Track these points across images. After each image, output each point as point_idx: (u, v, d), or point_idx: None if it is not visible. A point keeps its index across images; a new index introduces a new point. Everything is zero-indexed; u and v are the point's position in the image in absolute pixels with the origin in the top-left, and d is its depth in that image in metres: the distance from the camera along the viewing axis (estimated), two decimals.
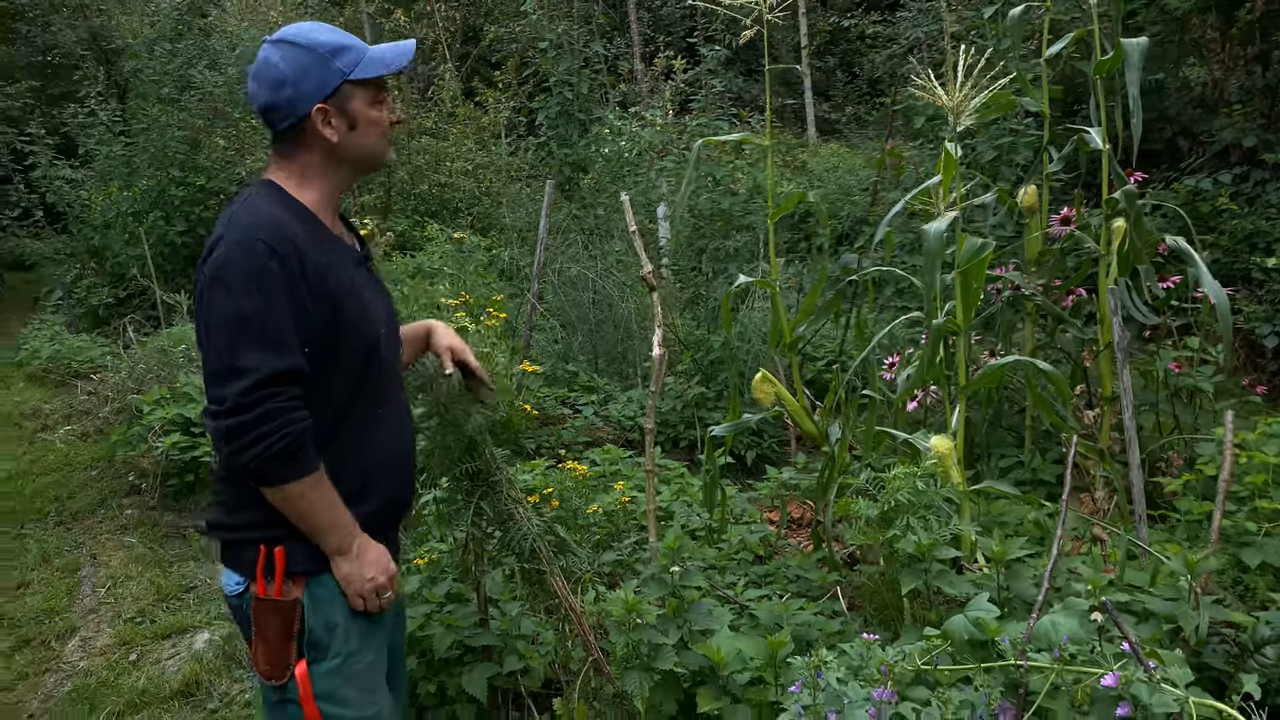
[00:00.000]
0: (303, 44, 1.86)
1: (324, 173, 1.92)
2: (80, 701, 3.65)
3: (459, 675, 2.92)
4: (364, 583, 1.87)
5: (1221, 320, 3.16)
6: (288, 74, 1.85)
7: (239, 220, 1.79)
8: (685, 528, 3.79)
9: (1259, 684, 2.34)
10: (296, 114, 1.86)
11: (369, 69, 1.90)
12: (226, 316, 1.72)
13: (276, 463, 1.73)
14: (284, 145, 1.91)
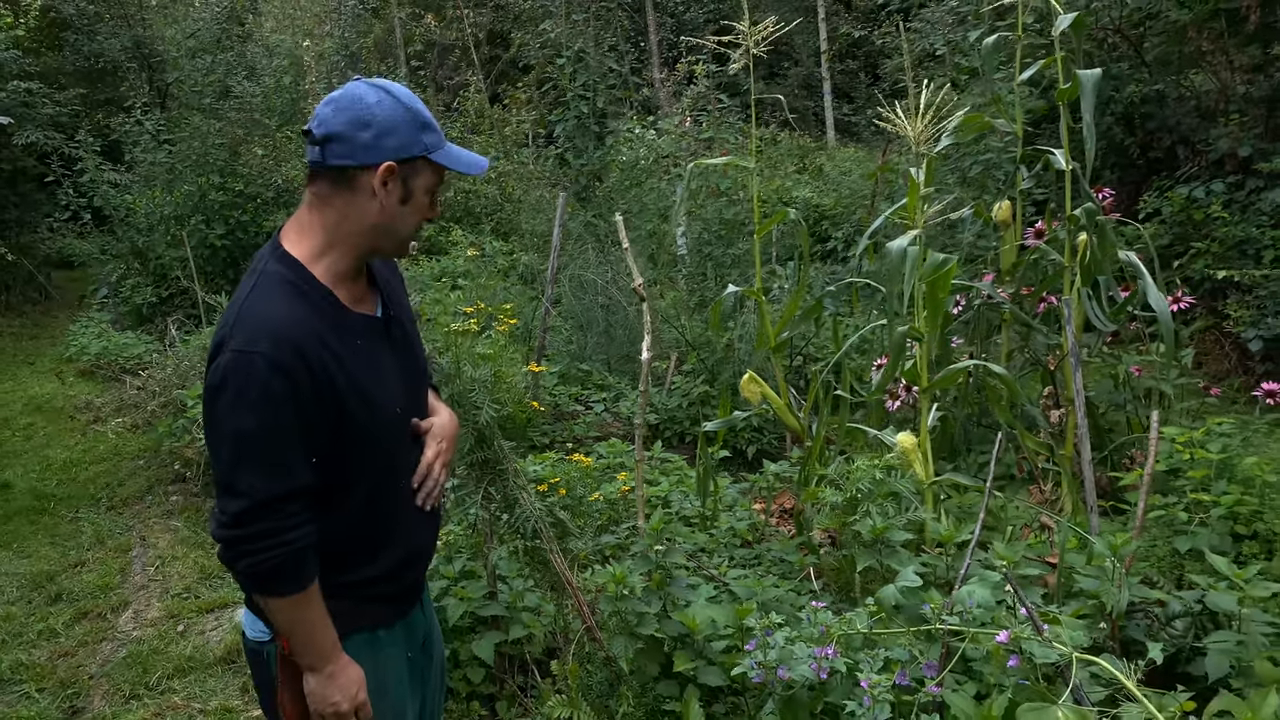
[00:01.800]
0: (403, 100, 1.74)
1: (353, 235, 1.78)
2: (134, 665, 4.06)
3: (470, 642, 3.30)
4: (326, 704, 1.81)
5: (1164, 328, 3.45)
6: (378, 118, 1.71)
7: (244, 322, 1.69)
8: (679, 514, 4.13)
9: (1167, 652, 2.67)
10: (362, 159, 1.72)
11: (447, 158, 1.80)
12: (225, 434, 1.67)
13: (262, 579, 1.72)
14: (324, 185, 1.77)
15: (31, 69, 12.49)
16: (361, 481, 1.81)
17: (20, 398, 8.54)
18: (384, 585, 1.89)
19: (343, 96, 1.75)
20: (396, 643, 1.94)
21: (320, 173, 1.76)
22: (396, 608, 1.94)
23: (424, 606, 2.07)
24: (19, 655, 4.21)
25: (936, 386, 3.46)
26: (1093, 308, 3.90)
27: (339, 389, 1.72)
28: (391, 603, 1.93)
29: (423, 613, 2.05)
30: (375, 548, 1.86)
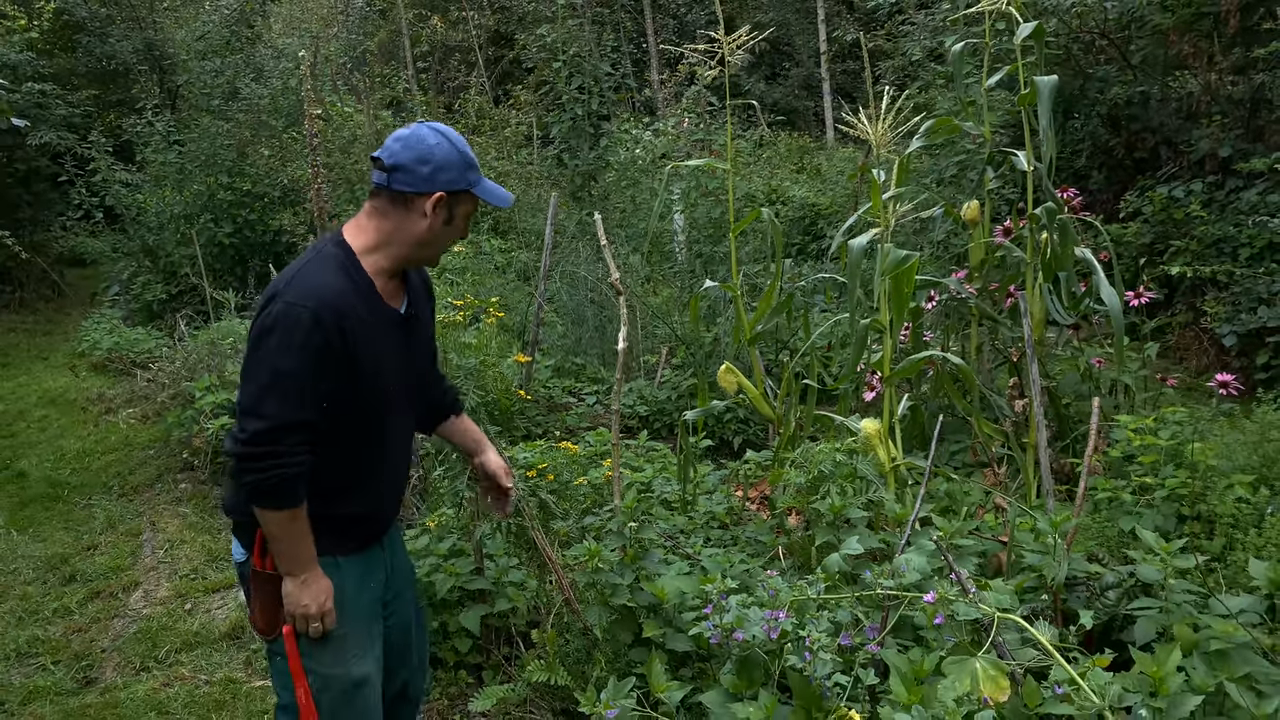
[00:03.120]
0: (456, 144, 2.19)
1: (400, 244, 2.20)
2: (144, 640, 4.29)
3: (458, 614, 3.51)
4: (297, 606, 2.16)
5: (1115, 321, 3.64)
6: (436, 157, 2.15)
7: (299, 283, 2.09)
8: (660, 499, 4.34)
9: (1099, 620, 2.87)
10: (421, 188, 2.15)
11: (485, 193, 2.25)
12: (264, 367, 2.05)
13: (263, 493, 2.07)
14: (384, 202, 2.19)
15: (45, 70, 12.77)
16: (352, 433, 2.20)
17: (35, 391, 8.81)
18: (351, 524, 2.28)
19: (410, 136, 2.20)
20: (355, 571, 2.29)
21: (383, 192, 2.21)
22: (359, 542, 2.31)
23: (387, 548, 2.43)
24: (35, 631, 4.44)
25: (898, 376, 3.66)
26: (1053, 302, 4.09)
27: (358, 354, 2.13)
28: (355, 539, 2.30)
29: (384, 551, 2.41)
30: (351, 491, 2.26)
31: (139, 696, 3.84)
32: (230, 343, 6.76)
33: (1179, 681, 2.29)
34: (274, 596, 2.21)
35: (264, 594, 2.22)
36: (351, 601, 2.26)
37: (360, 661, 2.27)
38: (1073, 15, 7.86)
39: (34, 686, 3.95)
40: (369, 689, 2.30)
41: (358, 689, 2.27)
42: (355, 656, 2.26)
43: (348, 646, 2.25)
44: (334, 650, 2.24)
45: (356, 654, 2.27)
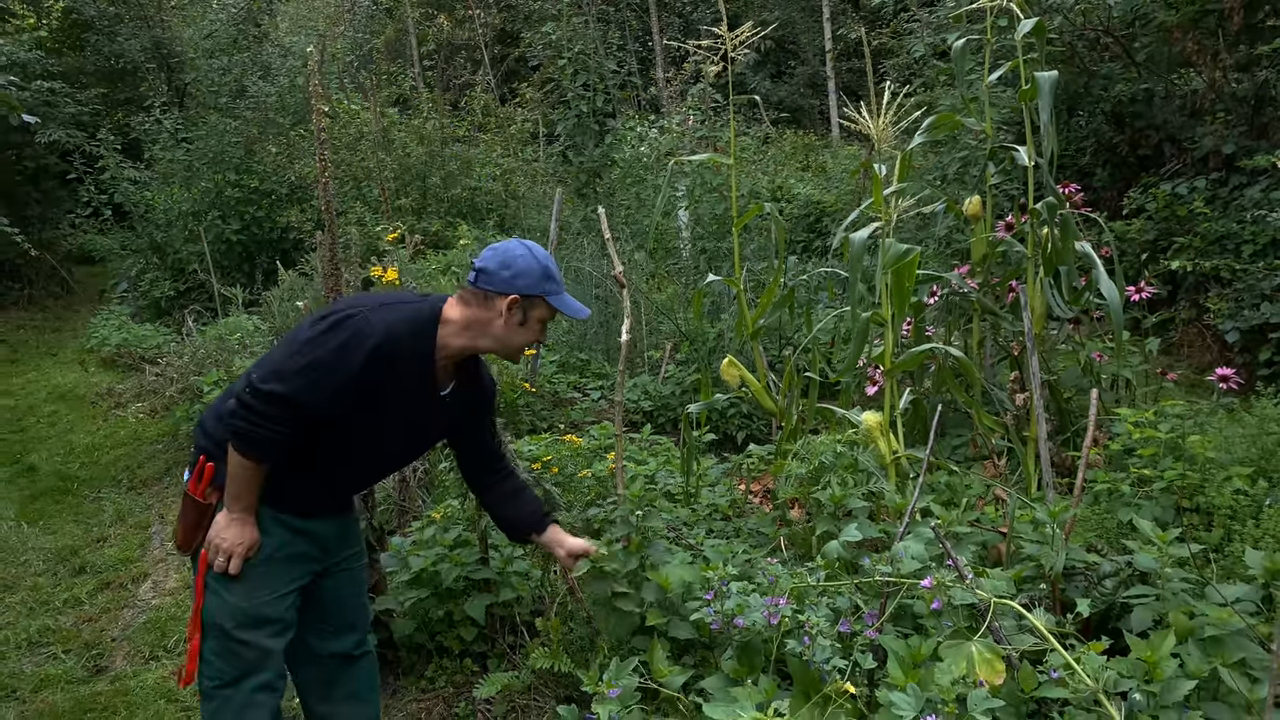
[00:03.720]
0: (538, 258, 2.47)
1: (476, 334, 2.49)
2: (153, 630, 4.34)
3: (463, 603, 3.55)
4: (218, 535, 2.42)
5: (1113, 314, 3.67)
6: (517, 266, 2.44)
7: (384, 314, 2.35)
8: (664, 490, 4.38)
9: (1096, 608, 2.90)
10: (500, 290, 2.44)
11: (559, 303, 2.53)
12: (313, 351, 2.29)
13: (243, 437, 2.32)
14: (471, 296, 2.48)
15: (54, 69, 12.85)
16: (330, 449, 2.48)
17: (44, 386, 8.88)
18: (297, 496, 2.54)
19: (501, 246, 2.51)
20: (287, 528, 2.53)
21: (470, 287, 2.50)
22: (298, 510, 2.56)
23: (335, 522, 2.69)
24: (46, 621, 4.50)
25: (899, 369, 3.69)
26: (1054, 296, 4.12)
27: (375, 400, 2.39)
28: (296, 507, 2.55)
29: (329, 525, 2.66)
30: (307, 480, 2.53)
31: (149, 684, 3.89)
32: (238, 338, 6.82)
33: (1173, 667, 2.32)
34: (195, 520, 2.48)
35: (188, 515, 2.50)
36: (276, 549, 2.50)
37: (269, 606, 2.50)
38: (1077, 13, 7.88)
39: (45, 675, 4.01)
40: (265, 635, 2.50)
41: (252, 628, 2.48)
42: (264, 599, 2.49)
43: (258, 587, 2.48)
44: (245, 585, 2.47)
45: (266, 596, 2.50)
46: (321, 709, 2.87)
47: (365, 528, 3.61)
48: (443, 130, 7.97)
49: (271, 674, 2.57)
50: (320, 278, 5.60)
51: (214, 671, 2.51)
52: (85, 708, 3.72)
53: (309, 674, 2.81)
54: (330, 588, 2.75)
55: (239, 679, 2.52)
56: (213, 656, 2.50)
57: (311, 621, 2.73)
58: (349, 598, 2.82)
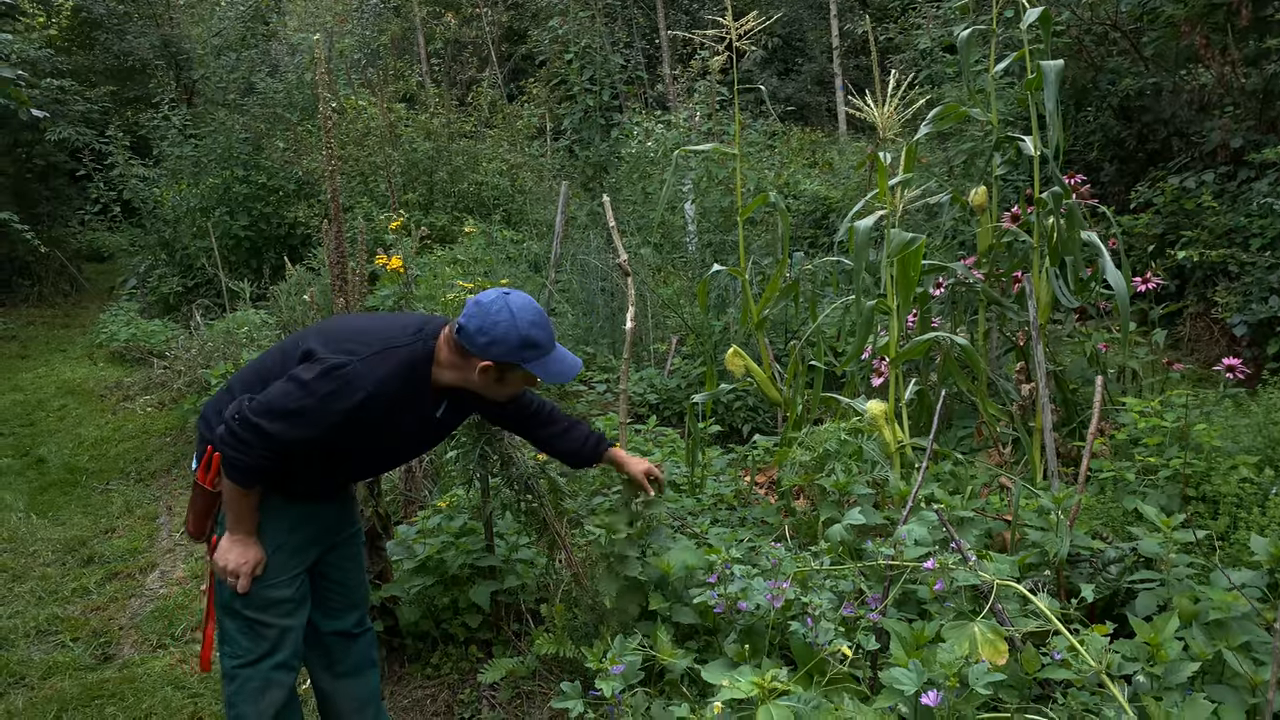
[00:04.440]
0: (518, 325, 2.42)
1: (457, 379, 2.50)
2: (161, 618, 4.36)
3: (469, 589, 3.56)
4: (222, 558, 2.49)
5: (1119, 302, 3.66)
6: (494, 333, 2.41)
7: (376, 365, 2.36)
8: (668, 479, 4.38)
9: (1101, 594, 2.90)
10: (475, 353, 2.44)
11: (539, 369, 2.49)
12: (301, 398, 2.32)
13: (233, 467, 2.37)
14: (455, 345, 2.48)
15: (64, 67, 12.91)
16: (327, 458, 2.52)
17: (53, 381, 8.92)
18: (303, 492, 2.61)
19: (483, 305, 2.45)
20: (295, 513, 2.59)
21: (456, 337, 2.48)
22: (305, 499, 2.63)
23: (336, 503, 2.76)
24: (55, 610, 4.52)
25: (904, 357, 3.69)
26: (1060, 286, 4.12)
27: (368, 430, 2.45)
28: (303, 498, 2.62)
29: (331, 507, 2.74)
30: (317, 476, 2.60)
31: (156, 672, 3.91)
32: (245, 332, 6.85)
33: (1177, 649, 2.32)
34: (205, 508, 2.54)
35: (198, 504, 2.54)
36: (285, 536, 2.56)
37: (279, 588, 2.56)
38: (1085, 7, 7.86)
39: (53, 662, 4.03)
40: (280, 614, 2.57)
41: (268, 609, 2.54)
42: (274, 580, 2.54)
43: (270, 574, 2.53)
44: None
45: (276, 579, 2.55)
46: (325, 685, 2.93)
47: (371, 514, 3.63)
48: (449, 125, 7.99)
49: (289, 652, 2.63)
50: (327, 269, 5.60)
51: (239, 650, 2.57)
52: (93, 694, 3.74)
53: (311, 652, 2.86)
54: (333, 565, 2.80)
55: (260, 658, 2.59)
56: (237, 635, 2.57)
57: (315, 601, 2.78)
58: (350, 575, 2.88)
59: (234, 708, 2.64)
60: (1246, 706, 2.31)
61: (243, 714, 2.63)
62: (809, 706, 1.73)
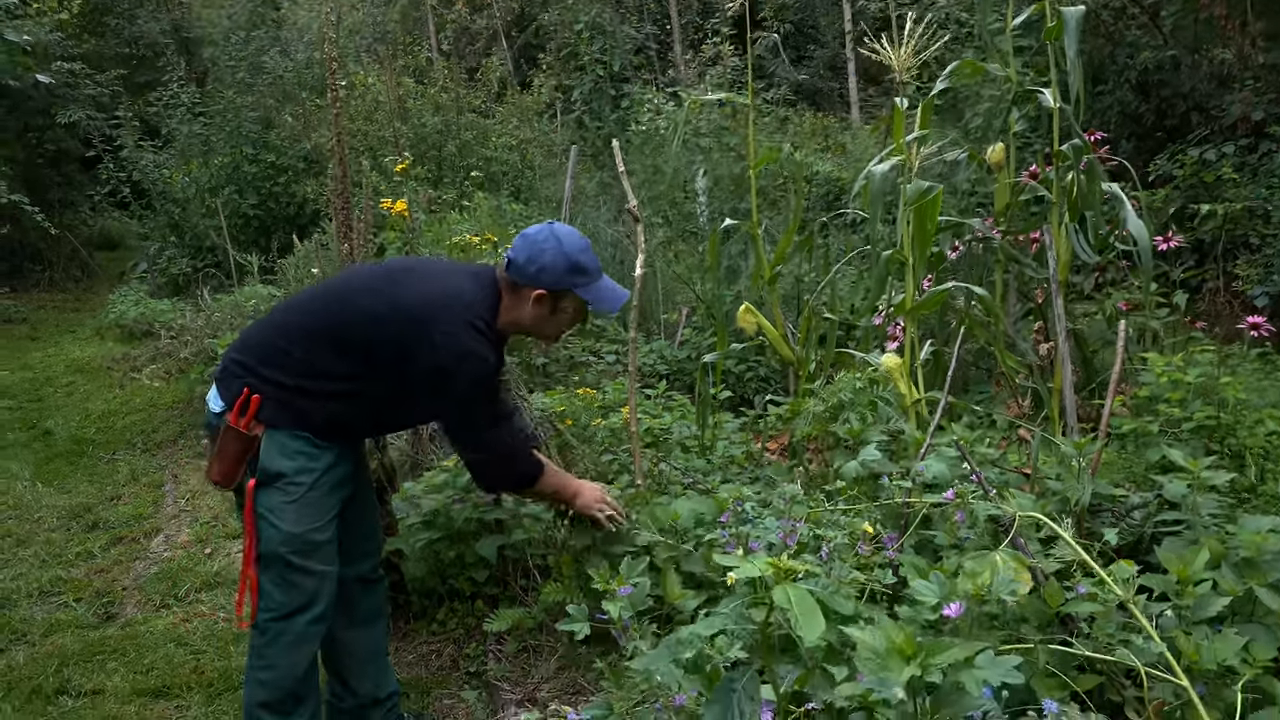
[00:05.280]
0: (566, 251, 2.52)
1: (512, 320, 2.59)
2: (164, 580, 4.32)
3: (475, 544, 3.49)
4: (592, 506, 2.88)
5: (1142, 253, 3.57)
6: (543, 261, 2.50)
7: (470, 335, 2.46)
8: (679, 441, 4.30)
9: (1125, 540, 2.82)
10: (526, 283, 2.53)
11: (589, 294, 2.58)
12: (467, 394, 2.52)
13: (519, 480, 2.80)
14: (506, 283, 2.57)
15: (75, 51, 12.90)
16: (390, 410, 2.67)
17: (62, 360, 8.92)
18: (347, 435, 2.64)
19: (529, 236, 2.56)
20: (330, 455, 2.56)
21: (506, 274, 2.57)
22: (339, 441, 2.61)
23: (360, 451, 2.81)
24: (58, 572, 4.48)
25: (920, 309, 3.61)
26: (1079, 241, 4.02)
27: None
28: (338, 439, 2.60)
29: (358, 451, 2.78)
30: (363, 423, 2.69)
31: (158, 630, 3.86)
32: (252, 305, 6.80)
33: (1206, 586, 2.24)
34: (238, 454, 2.48)
35: (230, 449, 2.48)
36: (322, 473, 2.53)
37: (319, 531, 2.53)
38: None
39: (56, 620, 3.99)
40: (319, 560, 2.55)
41: (309, 554, 2.51)
42: (316, 524, 2.52)
43: (310, 513, 2.51)
44: (297, 512, 2.49)
45: (318, 522, 2.53)
46: (341, 634, 2.85)
47: (376, 467, 3.56)
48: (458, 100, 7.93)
49: (324, 605, 2.60)
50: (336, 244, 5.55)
51: (272, 604, 2.53)
52: (94, 650, 3.69)
53: None
54: (354, 510, 2.75)
55: (296, 610, 2.55)
56: (272, 588, 2.52)
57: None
58: (368, 520, 2.88)
59: (262, 658, 2.59)
60: (1279, 643, 2.22)
61: (274, 665, 2.58)
62: (829, 592, 1.65)
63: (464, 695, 3.15)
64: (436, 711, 3.14)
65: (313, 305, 2.68)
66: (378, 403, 2.61)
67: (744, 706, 1.32)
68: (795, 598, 1.31)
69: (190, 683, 3.41)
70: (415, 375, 2.53)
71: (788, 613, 1.26)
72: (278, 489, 2.50)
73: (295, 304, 2.77)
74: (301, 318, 2.63)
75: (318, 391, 2.54)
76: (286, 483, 2.51)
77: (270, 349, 2.58)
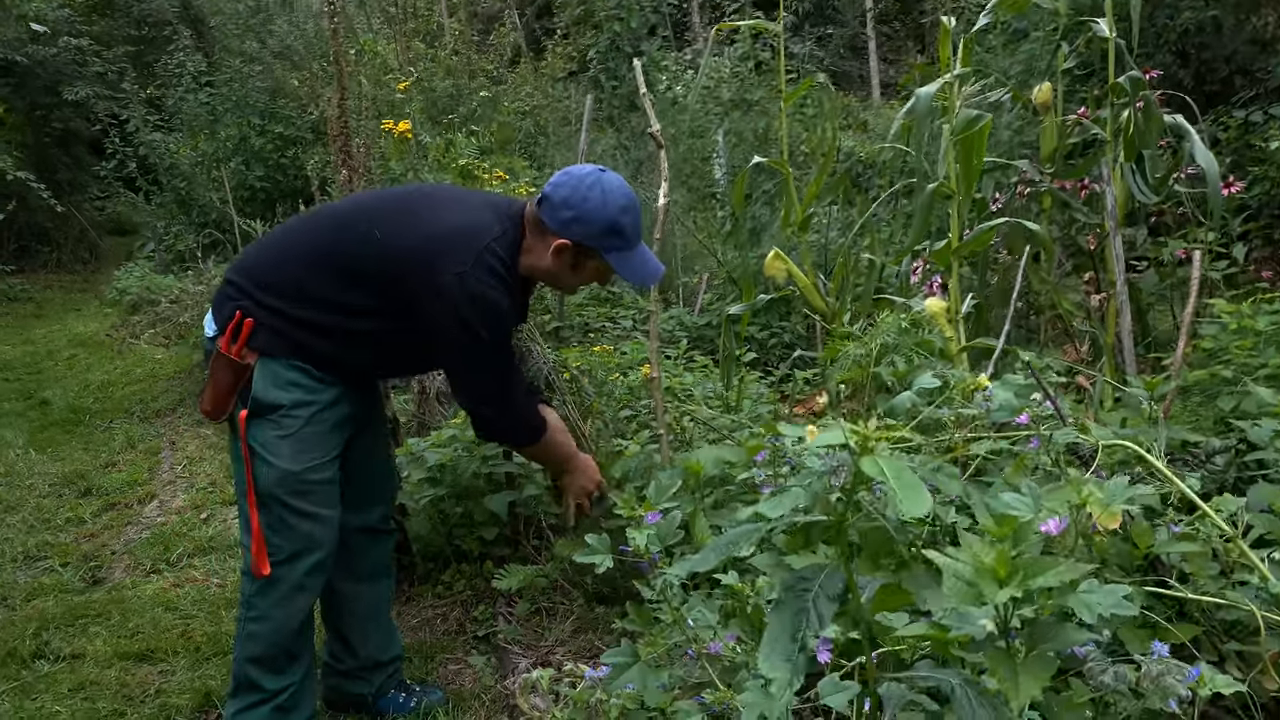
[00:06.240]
0: (609, 205, 2.23)
1: (532, 262, 2.32)
2: (156, 544, 4.07)
3: (484, 499, 3.22)
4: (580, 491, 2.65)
5: (1210, 185, 3.28)
6: (578, 209, 2.23)
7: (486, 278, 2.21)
8: (703, 398, 4.04)
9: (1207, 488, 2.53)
10: (555, 229, 2.25)
11: (620, 263, 2.30)
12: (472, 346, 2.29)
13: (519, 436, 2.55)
14: (533, 219, 2.30)
15: (83, 29, 12.69)
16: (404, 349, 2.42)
17: (65, 335, 8.73)
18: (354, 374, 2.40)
19: (574, 175, 2.27)
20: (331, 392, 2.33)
21: (535, 209, 2.29)
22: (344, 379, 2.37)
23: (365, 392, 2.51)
24: (46, 537, 4.25)
25: (968, 248, 3.32)
26: (1136, 182, 3.73)
27: None
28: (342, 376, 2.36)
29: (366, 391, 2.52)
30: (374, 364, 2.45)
31: (147, 594, 3.62)
32: None
33: None
34: (230, 383, 2.25)
35: (219, 378, 2.26)
36: (322, 408, 2.31)
37: (320, 469, 2.32)
38: None
39: (39, 585, 3.75)
40: (317, 502, 2.32)
41: (305, 494, 2.29)
42: (313, 462, 2.30)
43: (307, 448, 2.29)
44: (294, 447, 2.27)
45: (315, 459, 2.31)
46: (343, 588, 2.60)
47: None
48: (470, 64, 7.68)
49: (324, 553, 2.37)
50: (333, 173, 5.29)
51: (270, 549, 2.30)
52: (77, 614, 3.45)
53: None
54: (359, 452, 2.51)
55: (294, 556, 2.32)
56: (267, 531, 2.30)
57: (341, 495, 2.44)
58: (379, 462, 2.64)
59: (254, 609, 2.34)
60: None
61: (267, 616, 2.33)
62: (927, 469, 1.38)
63: (471, 660, 2.89)
64: (441, 677, 2.88)
65: (319, 230, 2.40)
66: (383, 342, 2.36)
67: (822, 609, 1.05)
68: (891, 469, 1.04)
69: (176, 647, 3.16)
70: (424, 315, 2.27)
71: (878, 491, 1.00)
72: (271, 422, 2.27)
73: (300, 225, 2.49)
74: (306, 243, 2.36)
75: (317, 323, 2.29)
76: (281, 415, 2.28)
77: (268, 272, 2.32)
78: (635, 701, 1.77)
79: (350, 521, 2.52)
